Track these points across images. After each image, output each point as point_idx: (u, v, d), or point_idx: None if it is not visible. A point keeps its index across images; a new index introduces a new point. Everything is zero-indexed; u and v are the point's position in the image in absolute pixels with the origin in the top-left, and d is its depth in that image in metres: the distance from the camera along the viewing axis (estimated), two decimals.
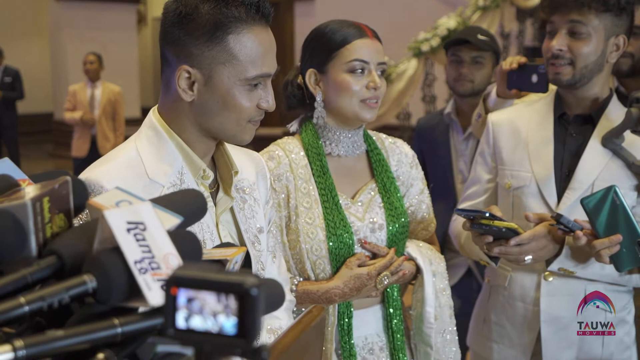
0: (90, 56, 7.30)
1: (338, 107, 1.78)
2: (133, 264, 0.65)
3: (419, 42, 6.79)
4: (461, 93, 2.92)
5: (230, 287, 0.52)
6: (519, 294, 1.98)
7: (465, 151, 2.93)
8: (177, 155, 1.37)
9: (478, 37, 2.86)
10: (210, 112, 1.34)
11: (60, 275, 0.68)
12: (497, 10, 7.34)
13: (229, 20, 1.29)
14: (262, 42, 1.33)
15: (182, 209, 0.79)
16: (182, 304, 0.54)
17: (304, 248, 1.76)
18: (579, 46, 1.83)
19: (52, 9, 11.57)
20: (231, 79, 1.31)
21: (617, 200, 1.70)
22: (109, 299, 0.65)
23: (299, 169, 1.80)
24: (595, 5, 1.80)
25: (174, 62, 1.33)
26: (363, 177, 1.88)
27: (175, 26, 1.31)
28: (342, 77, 1.75)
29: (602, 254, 1.70)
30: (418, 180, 1.96)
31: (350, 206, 1.82)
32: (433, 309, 1.82)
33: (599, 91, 1.92)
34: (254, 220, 1.50)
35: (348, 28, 1.77)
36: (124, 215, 0.68)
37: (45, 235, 0.70)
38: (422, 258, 1.84)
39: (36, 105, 12.66)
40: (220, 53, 1.30)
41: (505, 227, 1.72)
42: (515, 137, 2.00)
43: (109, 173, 1.31)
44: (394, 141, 1.97)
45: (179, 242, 0.71)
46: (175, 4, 1.32)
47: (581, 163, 1.90)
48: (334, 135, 1.83)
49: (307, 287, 1.76)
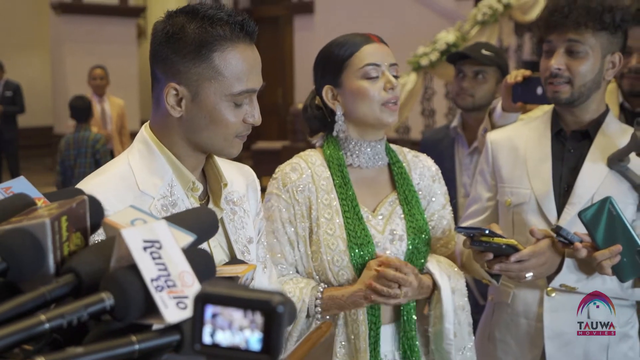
0: (98, 70, 7.20)
1: (360, 116, 1.79)
2: (150, 282, 0.67)
3: (418, 57, 6.83)
4: (462, 107, 2.95)
5: (257, 304, 0.54)
6: (522, 311, 1.99)
7: (470, 165, 2.95)
8: (167, 169, 1.42)
9: (482, 52, 2.88)
10: (198, 128, 1.40)
11: (77, 293, 0.69)
12: (495, 25, 7.38)
13: (214, 39, 1.35)
14: (246, 59, 1.39)
15: (194, 227, 0.81)
16: (208, 319, 0.55)
17: (326, 259, 1.76)
18: (577, 65, 1.85)
19: (52, 22, 11.61)
20: (217, 95, 1.37)
21: (613, 211, 1.72)
22: (126, 316, 0.66)
23: (321, 180, 1.81)
24: (591, 24, 1.83)
25: (163, 80, 1.39)
26: (384, 189, 1.88)
27: (163, 45, 1.37)
28: (358, 85, 1.76)
29: (603, 265, 1.71)
30: (440, 195, 1.95)
31: (371, 219, 1.82)
32: (452, 325, 1.80)
33: (596, 107, 1.94)
34: (243, 231, 1.53)
35: (353, 38, 1.80)
36: (140, 233, 0.70)
37: (63, 253, 0.71)
38: (439, 274, 1.82)
39: (36, 118, 12.68)
40: (206, 70, 1.36)
41: (505, 244, 1.73)
42: (514, 154, 2.02)
43: (101, 185, 1.37)
44: (416, 155, 1.98)
45: (193, 260, 0.72)
46: (163, 24, 1.40)
47: (580, 178, 1.92)
48: (355, 146, 1.84)
49: (332, 292, 1.75)
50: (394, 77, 1.79)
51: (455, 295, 1.83)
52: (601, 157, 1.92)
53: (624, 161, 1.88)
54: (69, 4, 11.29)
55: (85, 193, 0.90)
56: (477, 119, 2.91)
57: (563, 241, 1.75)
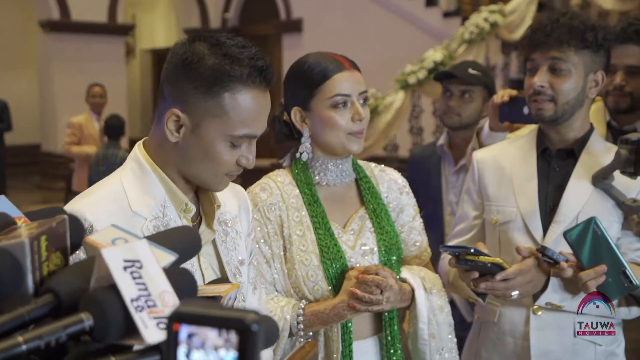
0: (97, 88, 7.10)
1: (326, 142, 1.81)
2: (130, 302, 0.66)
3: (406, 75, 6.87)
4: (449, 125, 2.96)
5: (231, 323, 0.54)
6: (508, 329, 1.98)
7: (456, 183, 2.97)
8: (160, 189, 1.40)
9: (469, 71, 2.90)
10: (190, 158, 1.38)
11: (56, 314, 0.68)
12: (482, 44, 7.44)
13: (229, 78, 1.33)
14: (256, 105, 1.37)
15: (176, 246, 0.80)
16: (183, 340, 0.55)
17: (300, 275, 1.77)
18: (559, 82, 1.87)
19: (41, 40, 11.60)
20: (217, 133, 1.35)
21: (598, 231, 1.73)
22: (105, 337, 0.66)
23: (291, 198, 1.82)
24: (574, 43, 1.85)
25: (169, 101, 1.37)
26: (353, 205, 1.89)
27: (179, 69, 1.35)
28: (327, 114, 1.77)
29: (588, 285, 1.72)
30: (409, 206, 1.97)
31: (342, 235, 1.83)
32: (426, 325, 1.81)
33: (580, 126, 1.96)
34: (235, 253, 1.52)
35: (326, 62, 1.79)
36: (120, 253, 0.69)
37: (42, 273, 0.71)
38: (412, 277, 1.84)
39: (24, 136, 12.64)
40: (213, 107, 1.33)
41: (490, 263, 1.73)
42: (500, 173, 2.04)
43: (92, 205, 1.34)
44: (383, 169, 1.99)
45: (174, 280, 0.72)
46: (184, 47, 1.36)
47: (565, 196, 1.93)
48: (322, 164, 1.86)
49: (315, 307, 1.75)
50: (365, 103, 1.81)
51: (431, 295, 1.83)
52: (586, 176, 1.93)
53: (608, 179, 1.89)
54: (57, 22, 11.29)
55: (67, 212, 0.90)
56: (463, 137, 2.93)
57: (548, 261, 1.76)
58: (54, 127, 11.54)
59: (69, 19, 11.38)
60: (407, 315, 1.89)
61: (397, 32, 9.71)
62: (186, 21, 13.10)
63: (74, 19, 11.41)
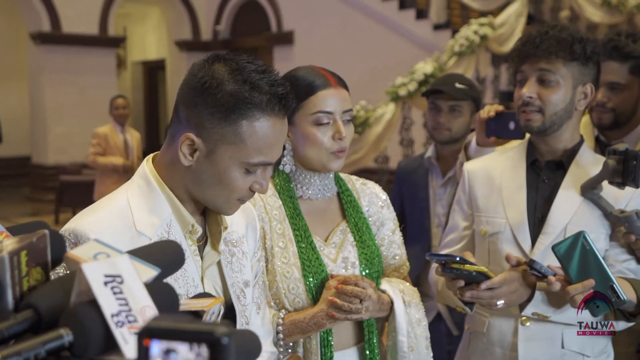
0: (120, 100, 6.96)
1: (306, 158, 1.81)
2: (110, 318, 0.66)
3: (397, 87, 6.90)
4: (439, 141, 2.97)
5: (201, 336, 0.54)
6: (497, 340, 1.99)
7: (444, 195, 2.97)
8: (166, 208, 1.37)
9: (456, 85, 2.91)
10: (203, 183, 1.35)
11: (37, 329, 0.68)
12: (472, 56, 7.48)
13: (247, 106, 1.29)
14: (274, 132, 1.33)
15: (159, 260, 0.80)
16: (155, 355, 0.55)
17: (281, 287, 1.76)
18: (547, 94, 1.89)
19: (31, 52, 11.60)
20: (232, 159, 1.32)
21: (586, 245, 1.73)
22: (85, 352, 0.65)
23: (274, 210, 1.82)
24: (562, 55, 1.87)
25: (184, 124, 1.33)
26: (335, 219, 1.90)
27: (197, 93, 1.31)
28: (309, 130, 1.77)
29: (576, 300, 1.72)
30: (390, 220, 1.97)
31: (324, 248, 1.84)
32: (406, 337, 1.82)
33: (569, 137, 1.97)
34: (240, 274, 1.49)
35: (312, 77, 1.78)
36: (101, 268, 0.69)
37: (22, 288, 0.70)
38: (391, 289, 1.84)
39: (14, 148, 12.61)
40: (229, 134, 1.30)
41: (475, 271, 1.73)
42: (490, 184, 2.04)
43: (97, 224, 1.31)
44: (364, 182, 2.00)
45: (156, 295, 0.71)
46: (203, 71, 1.32)
47: (553, 208, 1.94)
48: (305, 178, 1.86)
49: (294, 317, 1.75)
50: (349, 121, 1.80)
51: (409, 308, 1.84)
52: (575, 187, 1.94)
53: (597, 189, 1.90)
54: (48, 34, 11.29)
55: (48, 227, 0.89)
56: (451, 150, 2.94)
57: (536, 274, 1.76)
58: (44, 139, 11.52)
59: (60, 30, 11.40)
60: (386, 328, 1.90)
61: (387, 44, 9.76)
62: (177, 33, 13.13)
63: (64, 31, 11.42)
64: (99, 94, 11.28)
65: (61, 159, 11.17)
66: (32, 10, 11.31)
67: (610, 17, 8.63)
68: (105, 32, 11.95)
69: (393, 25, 9.82)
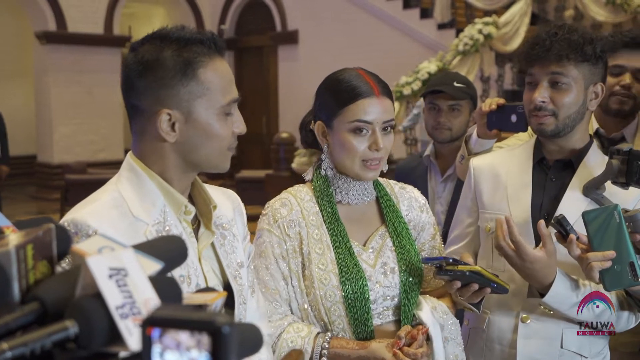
0: None
1: (342, 164, 1.79)
2: (114, 310, 0.67)
3: (401, 86, 6.91)
4: (440, 140, 2.97)
5: (202, 325, 0.55)
6: (496, 337, 1.98)
7: (443, 194, 2.98)
8: (158, 194, 1.41)
9: (454, 85, 2.91)
10: (194, 147, 1.40)
11: (42, 321, 0.69)
12: (476, 55, 7.49)
13: (195, 57, 1.37)
14: (225, 72, 1.43)
15: (163, 254, 0.81)
16: (156, 342, 0.56)
17: (318, 294, 1.74)
18: (561, 97, 1.86)
19: (37, 51, 11.64)
20: (209, 110, 1.39)
21: (617, 218, 1.71)
22: (90, 344, 0.66)
23: (311, 215, 1.80)
24: (573, 56, 1.84)
25: (149, 109, 1.38)
26: (374, 223, 1.87)
27: (142, 77, 1.37)
28: (346, 137, 1.75)
29: (593, 266, 1.69)
30: (429, 225, 1.95)
31: (362, 253, 1.81)
32: None
33: (579, 138, 1.95)
34: (234, 255, 1.54)
35: (357, 83, 1.75)
36: (106, 261, 0.70)
37: (29, 281, 0.71)
38: (433, 325, 1.79)
39: (20, 147, 12.62)
40: (195, 87, 1.37)
41: (469, 271, 1.72)
42: (495, 181, 2.03)
43: (95, 213, 1.35)
44: (403, 187, 1.97)
45: (159, 288, 0.72)
46: (135, 56, 1.39)
47: (560, 207, 1.92)
48: (344, 183, 1.83)
49: (338, 350, 1.72)
50: (389, 132, 1.77)
51: (448, 344, 1.81)
52: (582, 188, 1.93)
53: (600, 189, 1.90)
54: (54, 34, 11.33)
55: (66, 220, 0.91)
56: (450, 148, 2.94)
57: (561, 232, 1.75)
58: (49, 138, 11.56)
59: (66, 30, 11.44)
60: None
61: (392, 43, 9.77)
62: None
63: (70, 30, 11.46)
64: (104, 93, 11.33)
65: (67, 158, 11.22)
66: (37, 10, 11.36)
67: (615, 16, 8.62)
68: (111, 32, 11.98)
69: (397, 24, 9.83)
